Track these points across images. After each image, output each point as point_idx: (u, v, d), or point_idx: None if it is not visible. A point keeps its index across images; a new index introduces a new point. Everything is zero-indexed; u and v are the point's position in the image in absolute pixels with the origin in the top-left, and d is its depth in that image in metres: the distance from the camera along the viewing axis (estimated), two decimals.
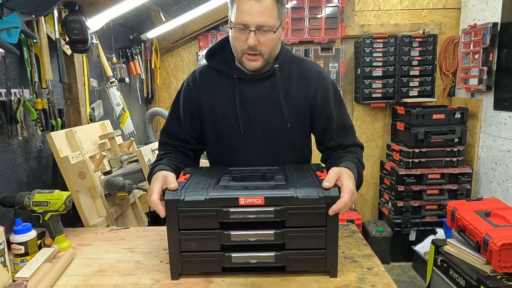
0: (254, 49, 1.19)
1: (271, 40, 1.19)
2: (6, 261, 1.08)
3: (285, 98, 1.28)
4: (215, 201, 1.00)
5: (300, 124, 1.32)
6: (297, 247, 1.03)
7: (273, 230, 1.01)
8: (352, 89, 3.68)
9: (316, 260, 1.05)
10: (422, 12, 3.55)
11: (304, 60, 1.35)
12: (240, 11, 1.16)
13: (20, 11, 1.38)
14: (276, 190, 1.02)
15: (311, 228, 1.02)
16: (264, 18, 1.15)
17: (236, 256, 1.04)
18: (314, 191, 1.00)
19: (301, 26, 3.44)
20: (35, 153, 1.73)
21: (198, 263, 1.05)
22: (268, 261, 1.04)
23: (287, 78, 1.30)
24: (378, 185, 3.77)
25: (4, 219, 1.49)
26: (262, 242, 1.03)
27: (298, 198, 0.99)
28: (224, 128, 1.32)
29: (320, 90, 1.30)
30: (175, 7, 3.02)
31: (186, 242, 1.03)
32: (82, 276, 1.13)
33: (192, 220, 1.02)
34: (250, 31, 1.16)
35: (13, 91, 1.52)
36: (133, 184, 1.88)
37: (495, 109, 2.98)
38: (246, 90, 1.29)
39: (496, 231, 1.94)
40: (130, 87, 3.06)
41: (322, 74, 1.33)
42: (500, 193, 2.97)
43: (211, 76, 1.33)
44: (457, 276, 2.11)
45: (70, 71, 1.96)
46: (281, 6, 1.19)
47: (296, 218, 1.01)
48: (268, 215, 1.00)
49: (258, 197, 0.99)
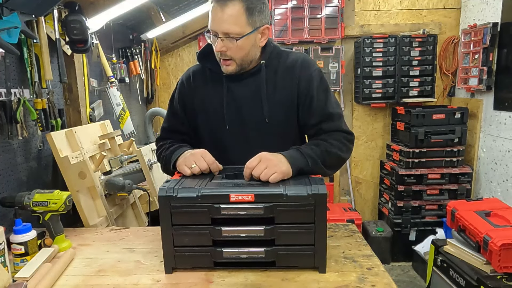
0: (224, 54, 1.24)
1: (239, 46, 1.22)
2: (6, 261, 1.08)
3: (272, 92, 1.31)
4: (207, 198, 1.03)
5: (288, 117, 1.33)
6: (287, 243, 1.06)
7: (263, 226, 1.05)
8: (352, 89, 3.68)
9: (305, 256, 1.07)
10: (422, 12, 3.55)
11: (290, 52, 1.37)
12: (210, 19, 1.23)
13: (20, 11, 1.38)
14: (266, 188, 1.06)
15: (300, 225, 1.05)
16: (228, 26, 1.19)
17: (227, 251, 1.07)
18: (303, 188, 1.03)
19: (301, 26, 3.44)
20: (35, 153, 1.73)
21: (191, 257, 1.08)
22: (259, 257, 1.07)
23: (274, 73, 1.32)
24: (378, 185, 3.77)
25: (4, 219, 1.49)
26: (253, 237, 1.06)
27: (287, 195, 1.02)
28: (214, 125, 1.36)
29: (303, 77, 1.31)
30: (175, 7, 3.02)
31: (179, 237, 1.06)
32: (82, 276, 1.13)
33: (184, 216, 1.05)
34: (217, 37, 1.22)
35: (13, 91, 1.52)
36: (133, 184, 1.88)
37: (495, 109, 2.98)
38: (234, 87, 1.33)
39: (496, 231, 1.94)
40: (130, 87, 3.06)
41: (306, 62, 1.33)
42: (500, 193, 2.97)
43: (204, 75, 1.38)
44: (457, 276, 2.11)
45: (70, 71, 1.96)
46: (251, 14, 1.21)
47: (285, 215, 1.04)
48: (258, 211, 1.03)
49: (248, 194, 1.02)
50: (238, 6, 1.19)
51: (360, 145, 3.73)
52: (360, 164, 3.80)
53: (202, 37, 3.56)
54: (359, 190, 3.85)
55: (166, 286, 1.05)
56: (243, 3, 1.19)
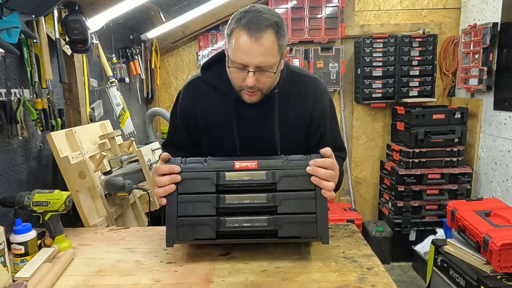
0: (253, 87, 1.15)
1: (271, 78, 1.15)
2: (6, 261, 1.08)
3: (283, 119, 1.25)
4: (213, 165, 1.11)
5: (299, 147, 1.29)
6: (289, 211, 1.09)
7: (265, 194, 1.10)
8: (352, 89, 3.68)
9: (307, 225, 1.09)
10: (422, 12, 3.56)
11: (303, 77, 1.31)
12: (238, 49, 1.09)
13: (20, 11, 1.38)
14: (269, 158, 1.13)
15: (301, 192, 1.09)
16: (264, 59, 1.09)
17: (230, 220, 1.09)
18: (303, 157, 1.12)
19: (301, 26, 3.45)
20: (35, 153, 1.73)
21: (194, 229, 1.10)
22: (261, 225, 1.09)
23: (286, 99, 1.26)
24: (378, 185, 3.77)
25: (4, 219, 1.49)
26: (255, 204, 1.09)
27: (288, 161, 1.11)
28: (221, 148, 1.27)
29: (318, 110, 1.27)
30: (175, 7, 3.02)
31: (183, 206, 1.10)
32: (82, 276, 1.13)
33: (190, 183, 1.10)
34: (249, 71, 1.11)
35: (13, 91, 1.52)
36: (133, 184, 1.88)
37: (495, 109, 2.98)
38: (243, 111, 1.25)
39: (496, 231, 1.94)
40: (130, 87, 3.06)
41: (321, 94, 1.29)
42: (500, 193, 2.97)
43: (207, 91, 1.28)
44: (457, 276, 2.11)
45: (70, 71, 1.96)
46: (281, 38, 1.12)
47: (286, 182, 1.09)
48: (261, 177, 1.09)
49: (252, 161, 1.10)
50: (272, 36, 1.09)
51: (360, 145, 3.73)
52: (360, 164, 3.79)
53: (202, 37, 3.56)
54: (359, 190, 3.85)
55: (166, 286, 1.05)
56: (275, 31, 1.09)
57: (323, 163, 1.08)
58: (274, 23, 1.10)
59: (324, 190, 1.08)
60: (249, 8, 1.13)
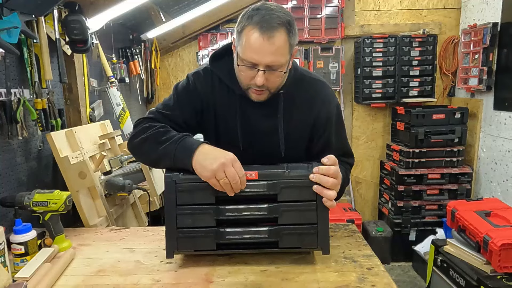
0: (262, 86, 1.13)
1: (280, 77, 1.14)
2: (6, 261, 1.08)
3: (287, 120, 1.24)
4: None
5: (298, 147, 1.29)
6: (289, 222, 1.08)
7: (266, 204, 1.08)
8: (352, 89, 3.67)
9: (308, 235, 1.08)
10: (422, 12, 3.56)
11: (310, 79, 1.29)
12: (249, 47, 1.07)
13: (20, 11, 1.38)
14: (270, 168, 1.10)
15: (302, 203, 1.08)
16: (275, 58, 1.08)
17: (230, 231, 1.08)
18: (304, 167, 1.09)
19: (301, 26, 3.44)
20: (35, 153, 1.73)
21: (193, 240, 1.08)
22: (262, 236, 1.08)
23: (292, 100, 1.24)
24: (378, 185, 3.77)
25: (4, 219, 1.49)
26: (256, 216, 1.07)
27: (289, 172, 1.08)
28: (224, 142, 1.23)
29: (323, 115, 1.26)
30: (175, 7, 3.01)
31: (183, 217, 1.07)
32: (82, 276, 1.13)
33: (189, 195, 1.07)
34: (258, 70, 1.09)
35: (13, 91, 1.52)
36: (133, 184, 1.88)
37: (495, 109, 2.98)
38: (247, 108, 1.24)
39: (496, 231, 1.94)
40: (130, 87, 3.06)
41: (328, 98, 1.28)
42: (500, 193, 2.97)
43: (213, 83, 1.26)
44: (457, 276, 2.11)
45: (70, 71, 1.96)
46: (292, 38, 1.10)
47: (287, 193, 1.07)
48: (261, 189, 1.07)
49: (253, 172, 1.07)
50: (284, 34, 1.07)
51: (360, 145, 3.72)
52: (360, 164, 3.79)
53: (202, 37, 3.56)
54: (359, 190, 3.85)
55: (166, 286, 1.05)
56: (286, 30, 1.08)
57: (327, 171, 1.05)
58: (286, 22, 1.08)
59: (325, 199, 1.06)
60: (260, 5, 1.11)
